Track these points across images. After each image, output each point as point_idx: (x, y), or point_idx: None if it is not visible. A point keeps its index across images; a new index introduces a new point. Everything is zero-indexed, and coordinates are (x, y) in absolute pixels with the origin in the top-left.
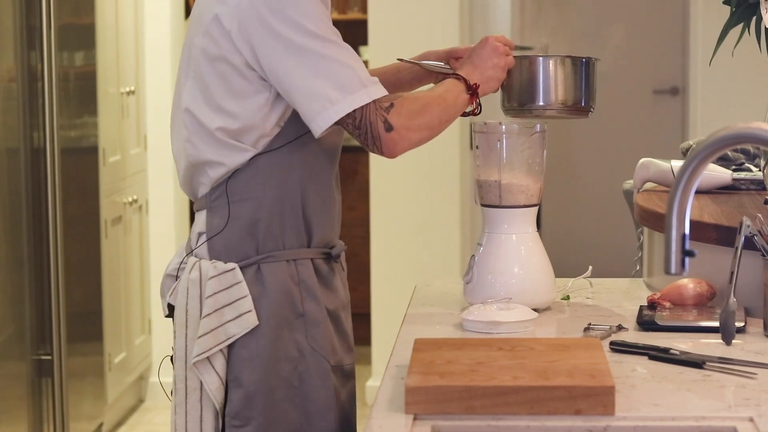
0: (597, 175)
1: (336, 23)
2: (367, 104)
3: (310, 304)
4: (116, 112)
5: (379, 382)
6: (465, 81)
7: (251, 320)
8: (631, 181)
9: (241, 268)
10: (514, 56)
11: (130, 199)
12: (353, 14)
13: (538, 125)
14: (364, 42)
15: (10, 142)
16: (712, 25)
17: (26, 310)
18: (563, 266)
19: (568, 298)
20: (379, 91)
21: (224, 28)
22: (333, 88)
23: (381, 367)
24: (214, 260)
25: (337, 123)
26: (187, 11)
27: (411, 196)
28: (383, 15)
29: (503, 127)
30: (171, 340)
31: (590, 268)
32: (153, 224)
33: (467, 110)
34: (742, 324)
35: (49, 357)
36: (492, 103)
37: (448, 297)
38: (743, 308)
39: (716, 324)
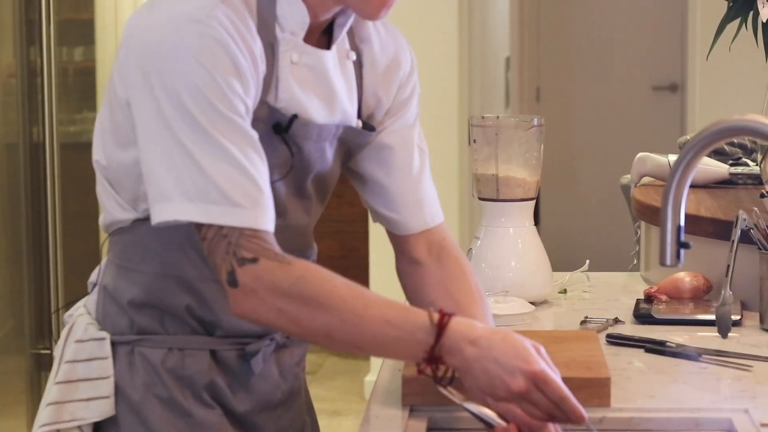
0: (596, 171)
1: None
2: (214, 229)
3: (197, 406)
4: None
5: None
6: (438, 336)
7: (106, 409)
8: (629, 176)
9: (115, 344)
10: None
11: None
12: None
13: (536, 119)
14: None
15: (9, 137)
16: (711, 22)
17: (25, 304)
18: (562, 260)
19: (565, 291)
20: (231, 219)
21: (117, 59)
22: (172, 185)
23: (380, 362)
24: (92, 321)
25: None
26: None
27: None
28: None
29: (500, 120)
30: None
31: (587, 261)
32: None
33: (419, 367)
34: (738, 317)
35: (48, 351)
36: (489, 98)
37: None
38: (739, 301)
39: (712, 317)
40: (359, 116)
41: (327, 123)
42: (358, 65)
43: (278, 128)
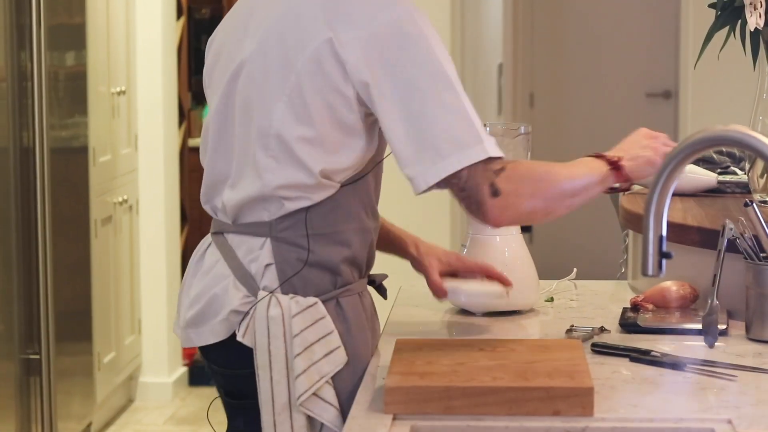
0: None
1: None
2: (477, 163)
3: (375, 339)
4: (107, 112)
5: None
6: (604, 156)
7: (341, 357)
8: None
9: (323, 301)
10: None
11: (120, 199)
12: None
13: (522, 127)
14: None
15: None
16: (704, 30)
17: (14, 309)
18: (552, 268)
19: (551, 300)
20: (495, 149)
21: (338, 56)
22: (446, 140)
23: None
24: (291, 295)
25: (443, 181)
26: (179, 11)
27: (401, 198)
28: None
29: (488, 128)
30: (160, 339)
31: (575, 270)
32: (143, 224)
33: (614, 186)
34: (725, 327)
35: (37, 356)
36: (482, 104)
37: (433, 298)
38: (726, 311)
39: (699, 326)
40: None
41: None
42: None
43: None
